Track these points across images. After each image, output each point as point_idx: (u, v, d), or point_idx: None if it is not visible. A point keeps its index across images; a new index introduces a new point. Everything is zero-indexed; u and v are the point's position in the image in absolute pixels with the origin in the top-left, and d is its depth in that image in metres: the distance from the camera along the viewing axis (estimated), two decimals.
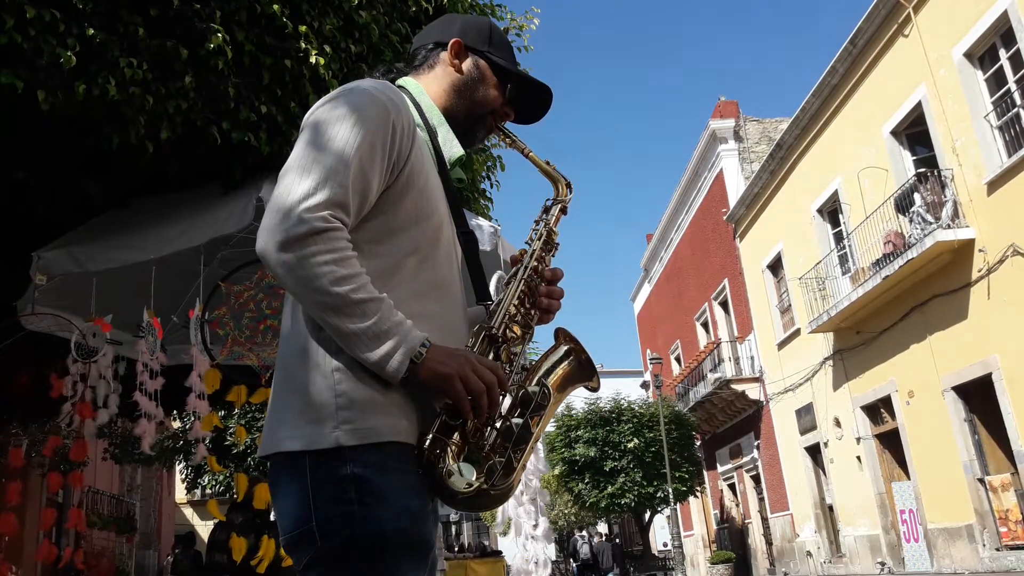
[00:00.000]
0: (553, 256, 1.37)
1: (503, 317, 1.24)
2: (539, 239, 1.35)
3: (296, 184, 1.07)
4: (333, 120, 1.13)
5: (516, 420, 1.17)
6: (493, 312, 1.25)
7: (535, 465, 4.09)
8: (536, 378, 1.23)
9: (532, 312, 1.30)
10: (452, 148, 1.33)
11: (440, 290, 1.21)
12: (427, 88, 1.36)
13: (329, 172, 1.08)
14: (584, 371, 1.29)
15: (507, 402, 1.18)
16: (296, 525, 1.08)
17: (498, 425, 1.16)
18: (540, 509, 4.01)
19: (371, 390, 1.08)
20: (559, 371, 1.26)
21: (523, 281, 1.29)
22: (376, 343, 1.06)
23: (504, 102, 1.40)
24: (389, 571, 1.07)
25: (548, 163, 1.45)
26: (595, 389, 1.34)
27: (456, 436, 1.12)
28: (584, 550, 18.81)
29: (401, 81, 1.38)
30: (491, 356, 1.21)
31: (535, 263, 1.32)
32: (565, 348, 1.28)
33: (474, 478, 1.10)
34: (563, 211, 1.41)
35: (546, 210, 1.41)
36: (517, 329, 1.26)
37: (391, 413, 1.09)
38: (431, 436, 1.10)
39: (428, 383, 1.09)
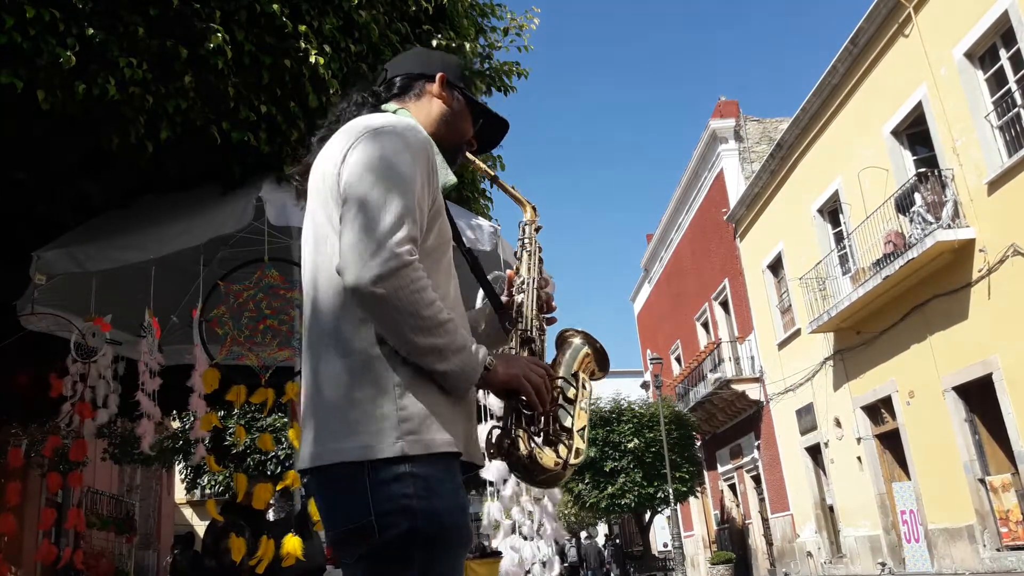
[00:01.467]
0: (542, 266, 1.54)
1: (529, 322, 1.43)
2: (535, 255, 1.52)
3: (380, 220, 1.17)
4: (392, 155, 1.23)
5: (571, 407, 1.38)
6: (517, 318, 1.44)
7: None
8: (562, 371, 1.42)
9: (544, 316, 1.49)
10: (446, 176, 1.42)
11: (454, 306, 1.33)
12: (417, 117, 1.45)
13: (405, 209, 1.19)
14: (600, 358, 1.49)
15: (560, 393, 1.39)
16: (350, 521, 1.17)
17: (557, 413, 1.36)
18: (546, 509, 3.98)
19: (428, 405, 1.20)
20: (583, 361, 1.46)
21: (534, 290, 1.47)
22: (457, 356, 1.20)
23: (472, 134, 1.54)
24: (444, 561, 1.18)
25: (514, 188, 1.60)
26: (603, 375, 1.52)
27: (530, 427, 1.32)
28: (571, 553, 18.80)
29: (392, 108, 1.45)
30: (528, 354, 1.40)
31: (538, 277, 1.50)
32: (576, 341, 1.48)
33: (555, 458, 1.30)
34: (537, 230, 1.57)
35: (523, 231, 1.56)
36: (537, 331, 1.45)
37: (445, 426, 1.22)
38: (510, 428, 1.30)
39: (500, 385, 1.27)
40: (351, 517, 1.16)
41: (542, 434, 1.32)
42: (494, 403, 3.65)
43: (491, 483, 3.74)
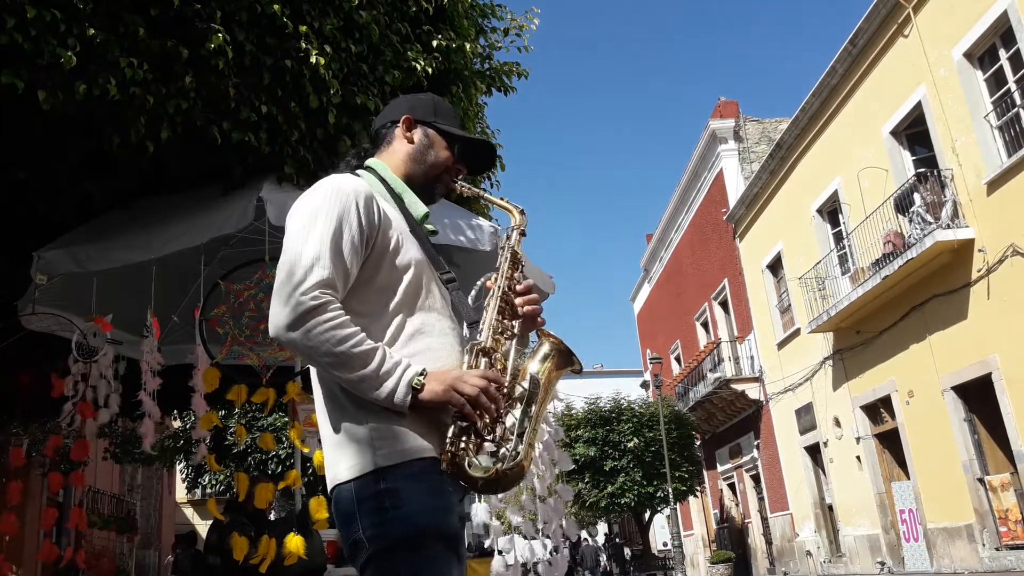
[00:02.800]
0: (520, 272, 1.59)
1: (489, 332, 1.47)
2: (506, 261, 1.58)
3: (290, 275, 1.34)
4: (308, 216, 1.40)
5: (516, 412, 1.41)
6: (480, 329, 1.49)
7: (548, 461, 4.06)
8: (527, 374, 1.46)
9: (513, 322, 1.53)
10: (417, 208, 1.58)
11: (432, 327, 1.46)
12: (389, 163, 1.63)
13: (313, 259, 1.34)
14: (564, 359, 1.52)
15: (508, 399, 1.43)
16: (350, 537, 1.34)
17: (505, 419, 1.40)
18: (551, 507, 3.98)
19: (395, 420, 1.34)
20: (546, 365, 1.49)
21: (498, 299, 1.52)
22: (380, 383, 1.31)
23: (455, 160, 1.65)
24: (426, 558, 1.31)
25: (502, 198, 1.72)
26: (579, 371, 1.59)
27: (471, 436, 1.35)
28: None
29: (369, 162, 1.64)
30: (486, 365, 1.43)
31: (505, 281, 1.55)
32: (546, 347, 1.51)
33: (491, 464, 1.34)
34: (522, 234, 1.65)
35: (507, 236, 1.64)
36: (502, 339, 1.49)
37: (414, 434, 1.34)
38: (448, 441, 1.35)
39: (432, 403, 1.34)
40: (349, 533, 1.34)
41: (486, 443, 1.36)
42: None
43: None
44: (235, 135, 3.34)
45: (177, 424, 11.79)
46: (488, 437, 1.36)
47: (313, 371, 1.46)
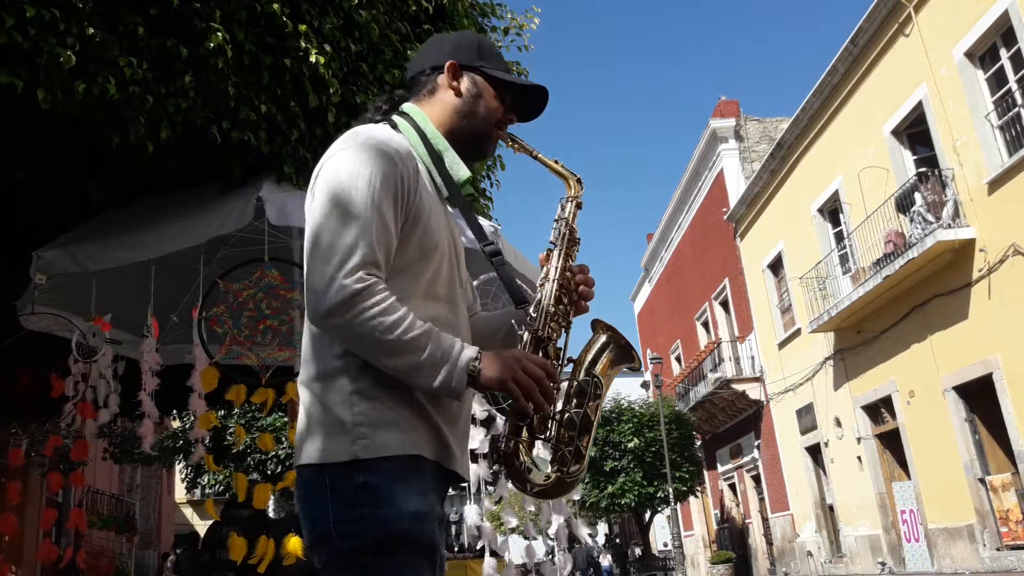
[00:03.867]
0: (577, 251, 1.43)
1: (544, 318, 1.33)
2: (562, 238, 1.41)
3: (329, 254, 1.17)
4: (348, 178, 1.21)
5: (576, 410, 1.29)
6: (535, 314, 1.34)
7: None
8: (583, 368, 1.34)
9: (569, 308, 1.38)
10: (459, 171, 1.39)
11: (443, 319, 1.30)
12: (430, 114, 1.41)
13: (357, 235, 1.18)
14: (625, 354, 1.38)
15: (563, 394, 1.30)
16: (317, 529, 1.21)
17: (560, 417, 1.29)
18: (555, 507, 3.97)
19: (384, 411, 1.21)
20: (603, 359, 1.36)
21: (556, 281, 1.37)
22: (435, 370, 1.18)
23: (505, 110, 1.46)
24: (397, 566, 1.18)
25: (557, 162, 1.49)
26: (637, 369, 1.42)
27: (524, 433, 1.26)
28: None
29: (406, 108, 1.43)
30: (540, 354, 1.30)
31: (563, 261, 1.39)
32: (604, 337, 1.37)
33: (550, 469, 1.24)
34: (578, 207, 1.46)
35: (562, 208, 1.46)
36: (556, 326, 1.35)
37: (401, 430, 1.21)
38: (505, 437, 1.24)
39: (487, 388, 1.21)
40: (315, 524, 1.21)
41: (545, 441, 1.27)
42: (476, 409, 3.64)
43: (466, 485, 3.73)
44: (234, 134, 3.33)
45: (176, 424, 11.78)
46: (542, 436, 1.25)
47: (306, 333, 1.29)
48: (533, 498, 1.29)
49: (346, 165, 1.23)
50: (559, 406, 1.29)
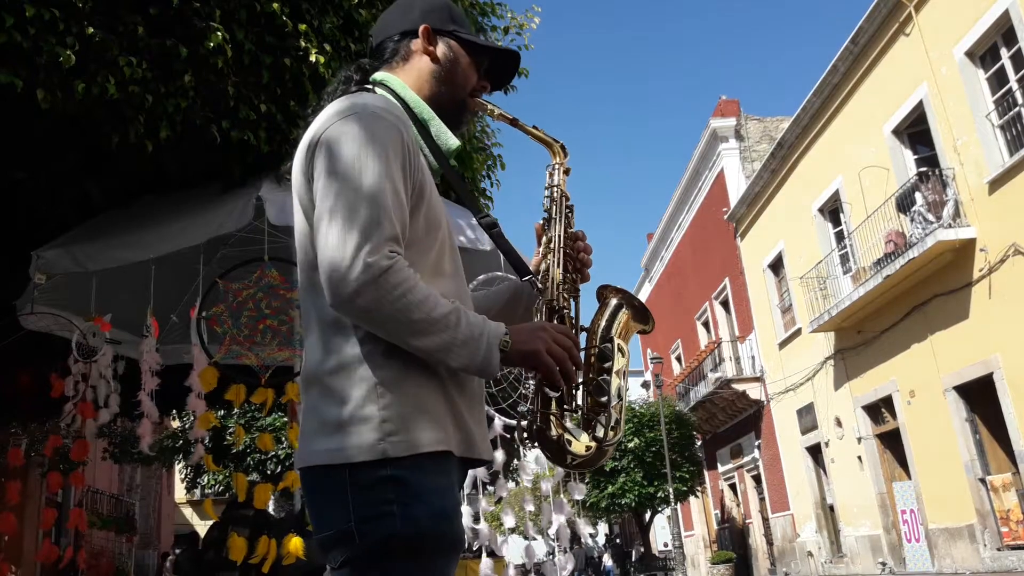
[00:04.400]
0: (574, 216, 1.39)
1: (556, 287, 1.29)
2: (556, 204, 1.37)
3: (349, 232, 1.09)
4: (356, 151, 1.13)
5: (602, 377, 1.24)
6: (544, 287, 1.30)
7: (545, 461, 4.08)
8: (598, 335, 1.29)
9: (575, 276, 1.34)
10: (448, 140, 1.32)
11: (450, 295, 1.22)
12: (407, 82, 1.33)
13: (375, 211, 1.10)
14: (639, 315, 1.33)
15: (585, 363, 1.25)
16: (333, 525, 1.11)
17: (587, 386, 1.24)
18: (558, 506, 3.97)
19: (415, 403, 1.13)
20: (618, 322, 1.31)
21: (562, 249, 1.33)
22: (467, 348, 1.11)
23: (479, 77, 1.39)
24: (425, 568, 1.11)
25: (536, 128, 1.43)
26: (650, 331, 1.37)
27: (555, 406, 1.21)
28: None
29: (380, 78, 1.34)
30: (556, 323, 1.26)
31: (564, 229, 1.35)
32: (615, 300, 1.32)
33: (588, 439, 1.19)
34: (566, 172, 1.42)
35: (551, 175, 1.41)
36: (567, 295, 1.31)
37: (432, 425, 1.14)
38: (537, 411, 1.19)
39: (518, 363, 1.16)
40: (334, 522, 1.12)
41: (574, 413, 1.22)
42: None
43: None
44: (234, 134, 3.33)
45: (176, 424, 11.78)
46: (571, 408, 1.21)
47: (314, 324, 1.20)
48: (573, 470, 1.25)
49: (351, 136, 1.14)
50: (583, 375, 1.25)
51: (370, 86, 1.32)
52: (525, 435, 1.19)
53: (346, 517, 1.10)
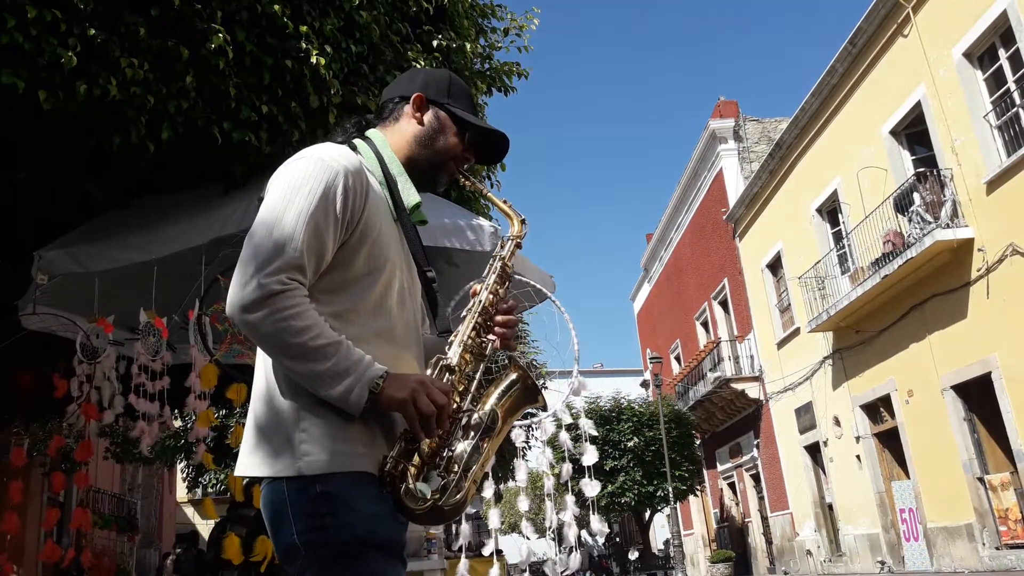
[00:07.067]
0: (507, 287, 1.48)
1: (459, 348, 1.37)
2: (494, 273, 1.47)
3: (255, 256, 1.21)
4: (287, 190, 1.27)
5: (468, 442, 1.30)
6: (450, 343, 1.38)
7: (548, 460, 4.08)
8: (488, 403, 1.35)
9: (485, 342, 1.42)
10: (409, 196, 1.44)
11: (393, 333, 1.34)
12: (390, 140, 1.48)
13: (286, 239, 1.22)
14: (529, 395, 1.40)
15: (461, 426, 1.31)
16: (284, 541, 1.23)
17: (454, 447, 1.29)
18: (568, 504, 3.98)
19: (329, 425, 1.22)
20: (508, 397, 1.37)
21: (476, 314, 1.42)
22: (337, 381, 1.19)
23: (464, 148, 1.51)
24: (365, 569, 1.20)
25: (505, 202, 1.56)
26: (543, 408, 1.47)
27: (415, 458, 1.25)
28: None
29: (369, 133, 1.50)
30: (448, 382, 1.32)
31: (490, 295, 1.44)
32: (513, 376, 1.39)
33: (429, 495, 1.23)
34: (518, 246, 1.53)
35: (502, 245, 1.52)
36: (470, 358, 1.38)
37: (347, 445, 1.22)
38: (392, 458, 1.24)
39: (387, 408, 1.23)
40: (280, 538, 1.23)
41: (428, 468, 1.26)
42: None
43: None
44: (235, 135, 3.35)
45: (178, 423, 11.78)
46: (430, 464, 1.25)
47: (259, 351, 1.33)
48: (415, 523, 1.27)
49: (290, 176, 1.28)
50: (456, 437, 1.30)
51: (357, 140, 1.47)
52: (380, 476, 1.24)
53: (290, 532, 1.21)
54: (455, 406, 1.30)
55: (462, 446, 1.29)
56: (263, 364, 1.31)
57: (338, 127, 1.52)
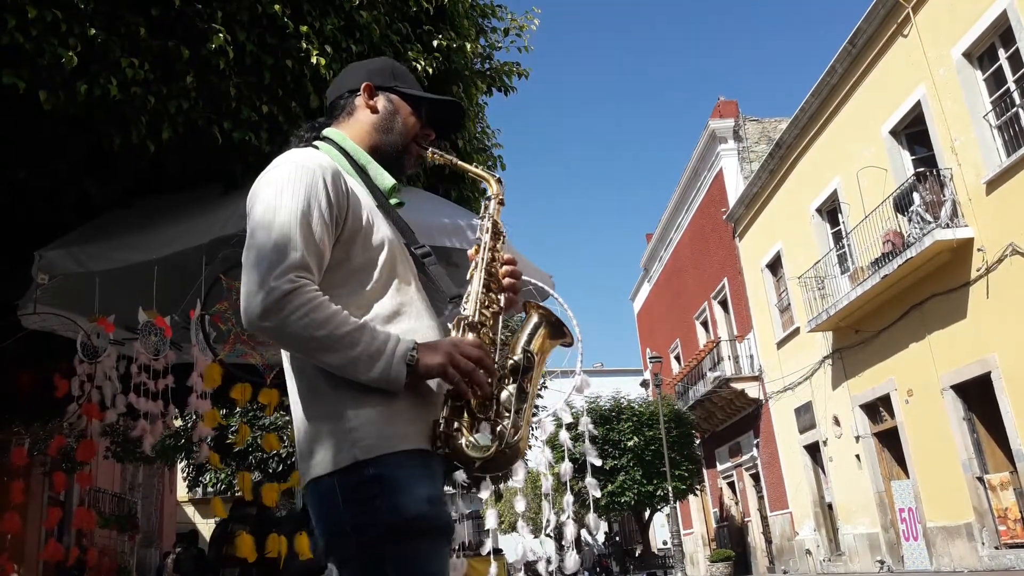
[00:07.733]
0: (502, 243, 1.52)
1: (475, 305, 1.40)
2: (487, 232, 1.50)
3: (258, 265, 1.23)
4: (273, 196, 1.29)
5: (511, 386, 1.34)
6: (465, 303, 1.42)
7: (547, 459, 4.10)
8: (519, 348, 1.40)
9: (498, 296, 1.46)
10: (383, 180, 1.49)
11: (409, 307, 1.37)
12: (349, 133, 1.51)
13: (284, 241, 1.24)
14: (556, 331, 1.45)
15: (499, 374, 1.36)
16: (332, 528, 1.25)
17: (497, 395, 1.33)
18: (567, 503, 3.99)
19: (376, 409, 1.25)
20: (537, 337, 1.43)
21: (483, 271, 1.45)
22: (372, 363, 1.22)
23: (422, 125, 1.55)
24: (415, 552, 1.22)
25: (476, 165, 1.62)
26: (570, 344, 1.50)
27: (464, 415, 1.29)
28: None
29: (325, 132, 1.52)
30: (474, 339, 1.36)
31: (488, 253, 1.48)
32: (535, 319, 1.44)
33: (489, 443, 1.27)
34: (501, 203, 1.56)
35: (485, 207, 1.56)
36: (488, 313, 1.42)
37: (396, 425, 1.25)
38: (444, 419, 1.27)
39: (427, 376, 1.26)
40: (329, 526, 1.25)
41: (481, 420, 1.29)
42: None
43: None
44: (236, 135, 3.35)
45: (179, 423, 11.79)
46: (482, 415, 1.29)
47: (285, 356, 1.37)
48: (480, 473, 1.32)
49: (272, 184, 1.31)
50: (496, 386, 1.33)
51: (316, 142, 1.49)
52: (437, 443, 1.26)
53: (340, 519, 1.23)
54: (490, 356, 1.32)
55: (506, 392, 1.33)
56: (294, 370, 1.33)
57: (292, 136, 1.55)
